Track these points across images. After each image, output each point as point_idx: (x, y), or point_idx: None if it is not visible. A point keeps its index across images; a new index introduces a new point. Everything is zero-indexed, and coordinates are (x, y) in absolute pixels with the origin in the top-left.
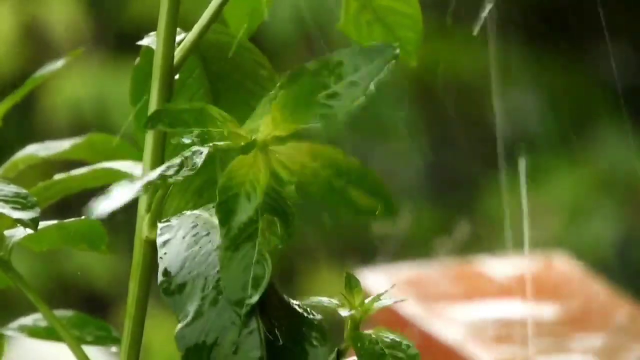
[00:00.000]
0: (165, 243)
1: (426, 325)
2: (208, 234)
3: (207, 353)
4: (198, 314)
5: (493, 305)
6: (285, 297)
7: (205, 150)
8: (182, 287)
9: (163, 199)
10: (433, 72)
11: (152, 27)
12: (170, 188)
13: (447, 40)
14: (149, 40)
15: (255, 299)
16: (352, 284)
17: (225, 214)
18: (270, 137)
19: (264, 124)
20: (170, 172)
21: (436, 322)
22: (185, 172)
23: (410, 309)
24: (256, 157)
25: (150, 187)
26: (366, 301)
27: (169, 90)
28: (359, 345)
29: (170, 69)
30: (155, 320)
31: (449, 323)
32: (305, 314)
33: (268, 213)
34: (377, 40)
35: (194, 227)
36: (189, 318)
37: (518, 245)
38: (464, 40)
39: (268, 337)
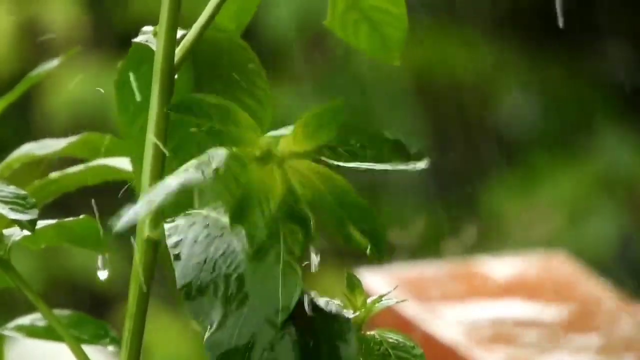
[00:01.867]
0: (176, 245)
1: (426, 326)
2: (222, 235)
3: (242, 357)
4: (224, 318)
5: (493, 305)
6: (311, 293)
7: (222, 153)
8: (203, 291)
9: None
10: (434, 72)
11: (152, 26)
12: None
13: (448, 41)
14: (143, 38)
15: (289, 310)
16: (353, 285)
17: (239, 224)
18: (289, 151)
19: (285, 138)
20: (195, 180)
21: (436, 322)
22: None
23: (410, 309)
24: (273, 171)
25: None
26: (368, 301)
27: (170, 89)
28: (363, 346)
29: (171, 68)
30: (157, 320)
31: (449, 323)
32: (332, 310)
33: (288, 222)
34: (362, 38)
35: (205, 227)
36: (216, 323)
37: (518, 245)
38: (465, 40)
39: (300, 339)
